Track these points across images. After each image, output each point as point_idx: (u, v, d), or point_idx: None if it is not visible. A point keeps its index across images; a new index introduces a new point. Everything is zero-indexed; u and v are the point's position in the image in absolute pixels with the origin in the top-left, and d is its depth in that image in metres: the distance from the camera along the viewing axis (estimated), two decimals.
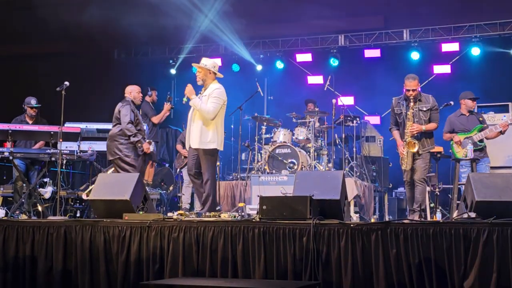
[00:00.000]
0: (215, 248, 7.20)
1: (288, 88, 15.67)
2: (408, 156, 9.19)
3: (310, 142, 12.40)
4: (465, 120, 10.75)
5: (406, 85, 9.24)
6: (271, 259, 6.99)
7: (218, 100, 9.06)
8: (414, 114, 9.18)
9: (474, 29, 14.29)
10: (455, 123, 10.76)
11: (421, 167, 9.17)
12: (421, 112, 9.19)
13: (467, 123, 10.69)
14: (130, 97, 10.34)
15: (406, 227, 6.63)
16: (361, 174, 12.65)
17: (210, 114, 8.97)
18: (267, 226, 7.05)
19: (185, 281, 6.79)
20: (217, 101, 9.04)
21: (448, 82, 14.38)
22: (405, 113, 9.25)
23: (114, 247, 7.59)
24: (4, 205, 10.56)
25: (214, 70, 9.25)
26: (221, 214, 8.55)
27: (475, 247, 6.33)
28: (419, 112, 9.19)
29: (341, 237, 6.78)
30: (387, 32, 15.00)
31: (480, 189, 7.00)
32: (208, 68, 9.21)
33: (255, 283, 6.63)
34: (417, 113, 9.19)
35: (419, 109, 9.20)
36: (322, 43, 15.55)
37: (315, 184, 7.56)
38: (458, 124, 10.73)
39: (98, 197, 8.13)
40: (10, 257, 7.91)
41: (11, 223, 8.07)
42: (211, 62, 9.31)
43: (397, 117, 9.42)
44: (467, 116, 10.77)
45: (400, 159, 9.39)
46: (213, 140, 8.98)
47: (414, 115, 9.18)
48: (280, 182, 11.31)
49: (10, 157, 10.21)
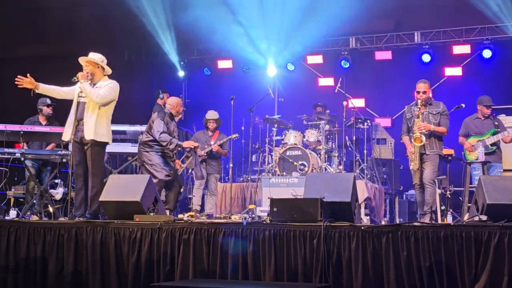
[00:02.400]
0: (226, 250, 7.20)
1: (299, 90, 15.64)
2: (416, 157, 9.19)
3: (321, 144, 12.38)
4: (480, 123, 10.75)
5: (417, 87, 9.44)
6: (281, 261, 6.99)
7: (111, 91, 8.73)
8: (424, 117, 9.19)
9: (486, 31, 14.24)
10: (470, 126, 10.77)
11: (430, 168, 9.18)
12: (431, 115, 9.20)
13: (481, 126, 10.69)
14: (173, 110, 10.30)
15: (417, 229, 6.62)
16: (372, 177, 12.63)
17: (100, 97, 8.58)
18: (277, 228, 7.05)
19: (195, 282, 6.80)
20: (110, 90, 8.71)
21: (459, 84, 14.33)
22: (416, 115, 9.26)
23: (124, 248, 7.61)
24: (15, 206, 10.59)
25: (102, 65, 8.88)
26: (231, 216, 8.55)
27: (486, 250, 6.31)
28: (429, 115, 9.21)
29: (352, 239, 6.78)
30: (398, 34, 14.98)
31: (491, 192, 6.98)
32: (96, 61, 8.84)
33: (266, 285, 6.64)
34: (427, 116, 9.21)
35: (429, 112, 9.22)
36: (333, 45, 15.54)
37: (325, 186, 7.56)
38: (473, 127, 10.74)
39: (109, 199, 8.15)
40: (21, 258, 7.94)
41: (23, 224, 8.10)
42: (99, 56, 8.94)
43: (408, 122, 9.45)
44: (483, 120, 10.77)
45: (410, 160, 9.40)
46: (106, 133, 8.71)
47: (424, 118, 9.20)
48: (291, 184, 11.30)
49: (22, 158, 10.26)
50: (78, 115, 8.70)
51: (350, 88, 13.77)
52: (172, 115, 10.25)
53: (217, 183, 12.17)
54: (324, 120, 12.73)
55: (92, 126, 8.55)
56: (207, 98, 15.88)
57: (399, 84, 14.01)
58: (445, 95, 13.41)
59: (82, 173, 8.72)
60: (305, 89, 15.72)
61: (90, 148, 8.60)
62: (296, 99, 15.33)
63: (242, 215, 9.23)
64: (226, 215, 8.67)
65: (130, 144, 11.19)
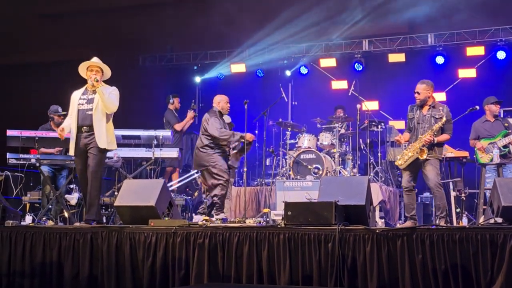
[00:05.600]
0: (240, 254, 7.22)
1: (312, 93, 15.63)
2: (408, 159, 8.96)
3: (335, 148, 12.37)
4: (489, 126, 10.69)
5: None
6: (296, 265, 6.99)
7: (117, 98, 8.80)
8: (426, 120, 9.02)
9: (500, 32, 14.17)
10: (480, 130, 10.70)
11: (432, 173, 8.81)
12: (433, 118, 9.03)
13: (491, 129, 10.62)
14: (218, 107, 10.40)
15: (432, 232, 6.60)
16: (386, 179, 12.60)
17: (115, 105, 8.69)
18: (292, 232, 7.06)
19: (210, 287, 6.81)
20: (117, 97, 8.78)
21: (473, 86, 14.26)
22: (417, 118, 9.13)
23: (140, 253, 7.64)
24: (31, 212, 10.64)
25: (105, 70, 8.91)
26: (246, 220, 8.55)
27: (501, 253, 6.29)
28: (431, 119, 9.04)
29: (367, 242, 6.77)
30: (411, 36, 14.94)
31: (507, 194, 6.96)
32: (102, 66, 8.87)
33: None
34: (429, 120, 9.04)
35: (431, 115, 9.06)
36: (346, 48, 15.52)
37: (340, 189, 7.56)
38: (482, 131, 10.67)
39: (124, 203, 8.19)
40: (37, 263, 7.99)
41: (38, 230, 8.16)
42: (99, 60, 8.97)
43: (410, 122, 9.29)
44: (492, 122, 10.71)
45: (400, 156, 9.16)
46: (113, 140, 8.78)
47: (426, 121, 9.03)
48: (305, 188, 11.27)
49: (37, 164, 10.32)
50: (80, 122, 8.70)
51: (363, 91, 13.76)
52: (221, 113, 10.36)
53: (232, 187, 12.17)
54: (340, 122, 12.73)
55: (104, 135, 8.60)
56: None
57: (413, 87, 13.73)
58: (459, 97, 13.37)
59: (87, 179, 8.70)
60: (319, 93, 15.71)
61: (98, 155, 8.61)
62: (310, 103, 15.31)
63: (257, 219, 9.22)
64: (240, 219, 8.67)
65: (144, 149, 11.21)
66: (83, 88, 8.94)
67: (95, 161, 8.58)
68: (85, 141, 8.62)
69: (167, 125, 12.87)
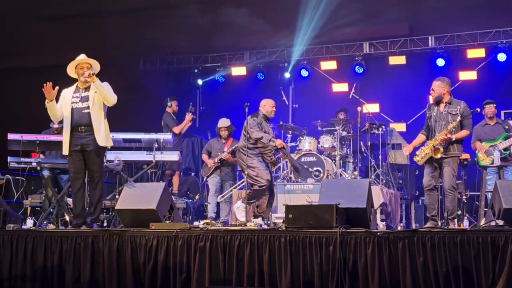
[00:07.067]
0: (242, 257, 7.22)
1: (313, 96, 15.64)
2: (426, 156, 8.97)
3: (336, 150, 12.37)
4: (490, 129, 10.71)
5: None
6: (297, 268, 6.99)
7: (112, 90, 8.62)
8: (442, 117, 9.01)
9: (500, 34, 14.18)
10: (481, 133, 10.72)
11: (448, 175, 8.85)
12: (450, 115, 9.03)
13: (492, 132, 10.65)
14: (263, 110, 10.46)
15: (433, 235, 6.60)
16: (387, 182, 12.59)
17: (115, 96, 8.53)
18: (293, 235, 7.06)
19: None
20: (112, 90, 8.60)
21: (474, 88, 14.25)
22: (434, 116, 9.12)
23: (141, 256, 7.64)
24: (32, 215, 10.65)
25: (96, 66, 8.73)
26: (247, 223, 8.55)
27: (503, 255, 6.29)
28: (448, 115, 9.03)
29: (368, 245, 6.77)
30: (412, 39, 14.93)
31: (508, 196, 6.97)
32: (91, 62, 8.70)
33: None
34: (445, 116, 9.02)
35: (448, 112, 9.05)
36: (346, 50, 15.52)
37: (341, 192, 7.56)
38: (483, 134, 10.70)
39: (125, 207, 8.19)
40: (39, 267, 7.99)
41: (39, 233, 8.15)
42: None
43: (428, 121, 9.27)
44: (492, 125, 10.73)
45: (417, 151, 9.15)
46: (109, 136, 8.61)
47: (443, 117, 9.01)
48: (306, 191, 11.28)
49: (38, 167, 10.32)
50: (76, 121, 8.52)
51: (364, 94, 13.77)
52: (266, 116, 10.41)
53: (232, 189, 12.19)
54: (341, 125, 12.73)
55: (103, 132, 8.48)
56: (221, 105, 15.94)
57: (414, 89, 13.98)
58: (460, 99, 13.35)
59: (82, 182, 8.62)
60: (320, 95, 15.72)
61: (99, 154, 8.55)
62: (311, 105, 15.31)
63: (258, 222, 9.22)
64: (241, 222, 8.67)
65: (145, 152, 11.19)
66: (73, 86, 8.75)
67: (98, 161, 8.54)
68: (83, 141, 8.47)
69: (165, 128, 12.86)
